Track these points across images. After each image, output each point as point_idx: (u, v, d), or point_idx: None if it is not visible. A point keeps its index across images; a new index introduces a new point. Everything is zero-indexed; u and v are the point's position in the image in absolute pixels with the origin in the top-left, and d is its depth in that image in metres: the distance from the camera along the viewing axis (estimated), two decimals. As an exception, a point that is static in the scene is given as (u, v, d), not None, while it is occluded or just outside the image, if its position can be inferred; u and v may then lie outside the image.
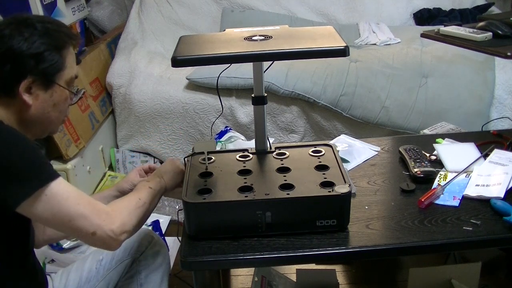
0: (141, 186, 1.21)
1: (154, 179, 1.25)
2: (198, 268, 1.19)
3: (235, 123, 2.63)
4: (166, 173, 1.28)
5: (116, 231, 1.03)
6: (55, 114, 1.13)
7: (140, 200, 1.14)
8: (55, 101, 1.10)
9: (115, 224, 1.04)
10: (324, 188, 1.19)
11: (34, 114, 1.09)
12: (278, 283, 1.75)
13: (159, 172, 1.29)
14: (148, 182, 1.23)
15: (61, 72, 1.09)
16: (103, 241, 1.03)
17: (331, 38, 1.22)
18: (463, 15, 3.21)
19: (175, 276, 1.83)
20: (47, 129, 1.15)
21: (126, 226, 1.06)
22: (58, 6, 2.48)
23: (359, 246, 1.16)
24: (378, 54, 2.74)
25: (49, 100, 1.09)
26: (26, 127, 1.10)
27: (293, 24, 3.15)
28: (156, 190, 1.22)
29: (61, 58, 1.09)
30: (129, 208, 1.10)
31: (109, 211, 1.06)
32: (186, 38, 1.32)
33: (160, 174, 1.28)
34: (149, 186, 1.20)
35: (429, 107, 2.52)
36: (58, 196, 0.99)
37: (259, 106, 1.34)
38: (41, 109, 1.09)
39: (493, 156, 1.48)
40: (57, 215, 0.99)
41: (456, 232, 1.19)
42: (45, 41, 1.06)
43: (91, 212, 1.02)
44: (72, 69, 1.13)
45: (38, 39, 1.05)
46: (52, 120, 1.13)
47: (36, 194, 0.97)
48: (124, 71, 2.78)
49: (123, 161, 2.77)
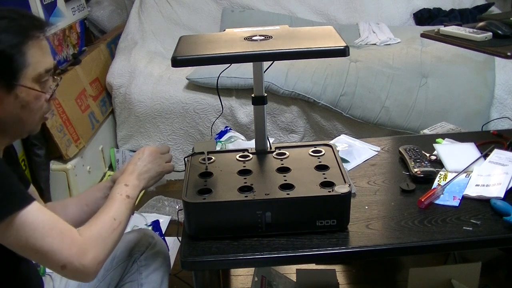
0: (117, 194, 1.11)
1: (132, 183, 1.14)
2: (198, 268, 1.19)
3: (235, 123, 2.63)
4: (148, 172, 1.19)
5: (88, 265, 0.95)
6: (27, 115, 1.02)
7: (116, 221, 1.04)
8: (22, 102, 0.99)
9: (87, 257, 0.95)
10: (324, 188, 1.19)
11: (2, 119, 0.99)
12: (278, 283, 1.75)
13: (138, 170, 1.17)
14: (127, 186, 1.13)
15: (23, 70, 0.97)
16: (74, 275, 0.96)
17: (331, 38, 1.22)
18: (463, 15, 3.21)
19: (175, 276, 1.83)
20: (24, 130, 1.06)
21: (99, 257, 0.98)
22: (58, 6, 2.48)
23: (359, 246, 1.16)
24: (378, 54, 2.74)
25: (14, 102, 0.98)
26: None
27: (293, 24, 3.15)
28: (134, 198, 1.13)
29: (22, 53, 0.96)
30: (103, 235, 1.01)
31: (80, 243, 0.96)
32: (186, 38, 1.32)
33: (139, 173, 1.17)
34: (126, 195, 1.11)
35: (429, 107, 2.52)
36: (26, 227, 0.90)
37: (259, 106, 1.34)
38: (8, 112, 0.99)
39: (493, 156, 1.48)
40: (24, 247, 0.92)
41: (456, 232, 1.19)
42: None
43: (61, 245, 0.93)
44: (39, 63, 1.00)
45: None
46: (25, 121, 1.03)
47: (1, 224, 0.89)
48: (124, 71, 2.79)
49: (123, 161, 2.77)
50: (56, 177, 2.24)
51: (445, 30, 1.65)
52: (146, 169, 1.19)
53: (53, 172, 2.23)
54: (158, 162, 1.22)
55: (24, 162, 2.08)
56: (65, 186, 2.27)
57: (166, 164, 1.25)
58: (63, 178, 2.26)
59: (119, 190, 1.12)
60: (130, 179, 1.15)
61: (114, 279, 1.30)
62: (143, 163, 1.19)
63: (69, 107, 2.37)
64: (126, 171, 1.18)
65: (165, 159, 1.24)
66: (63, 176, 2.26)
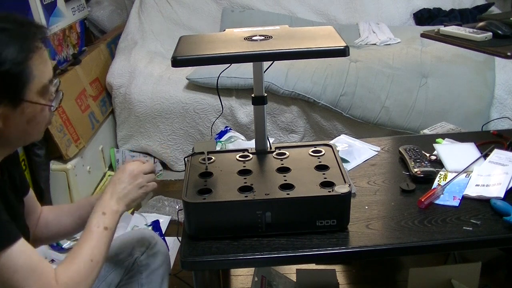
0: (95, 227, 1.06)
1: (111, 209, 1.09)
2: (198, 268, 1.19)
3: (235, 123, 2.63)
4: (128, 195, 1.12)
5: None
6: (32, 127, 1.00)
7: (93, 262, 1.01)
8: (28, 117, 0.97)
9: None
10: (324, 188, 1.19)
11: (7, 134, 0.97)
12: (278, 283, 1.75)
13: (117, 194, 1.11)
14: (104, 215, 1.07)
15: (29, 84, 0.94)
16: None
17: (331, 38, 1.22)
18: (463, 15, 3.21)
19: (175, 276, 1.83)
20: (28, 140, 1.04)
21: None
22: (58, 6, 2.48)
23: (359, 246, 1.16)
24: (378, 54, 2.74)
25: (21, 117, 0.96)
26: (2, 145, 1.00)
27: (293, 24, 3.15)
28: (113, 227, 1.08)
29: (27, 68, 0.93)
30: (79, 280, 0.98)
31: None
32: (186, 38, 1.32)
33: (119, 197, 1.11)
34: (104, 227, 1.06)
35: (429, 107, 2.52)
36: (7, 268, 0.89)
37: (259, 106, 1.34)
38: (14, 128, 0.97)
39: (493, 156, 1.48)
40: (2, 285, 0.91)
41: (456, 232, 1.19)
42: (2, 54, 0.89)
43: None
44: (43, 74, 0.97)
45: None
46: (31, 133, 1.01)
47: None
48: (124, 71, 2.79)
49: (123, 161, 2.77)
50: (56, 177, 2.24)
51: (445, 30, 1.65)
52: (126, 192, 1.12)
53: (53, 172, 2.23)
54: (140, 183, 1.14)
55: (24, 162, 2.09)
56: (65, 186, 2.27)
57: (149, 184, 1.17)
58: (63, 178, 2.26)
59: (96, 221, 1.07)
60: (108, 206, 1.09)
61: (115, 279, 1.30)
62: (122, 185, 1.12)
63: (69, 107, 2.37)
64: (106, 194, 1.11)
65: (147, 179, 1.16)
66: (63, 176, 2.26)
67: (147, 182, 1.16)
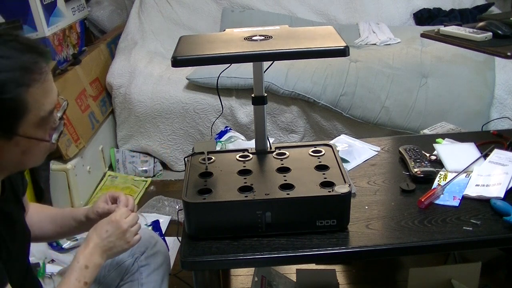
0: (75, 280, 1.03)
1: (94, 263, 1.06)
2: (198, 268, 1.19)
3: (235, 123, 2.63)
4: (113, 248, 1.10)
5: None
6: (28, 158, 0.95)
7: None
8: (23, 149, 0.92)
9: None
10: (324, 188, 1.19)
11: (3, 163, 0.93)
12: (278, 283, 1.75)
13: (102, 246, 1.08)
14: (87, 269, 1.04)
15: (24, 118, 0.88)
16: None
17: (331, 38, 1.22)
18: (463, 15, 3.21)
19: (175, 276, 1.83)
20: (25, 168, 1.00)
21: None
22: (58, 6, 2.48)
23: (359, 246, 1.16)
24: (378, 54, 2.74)
25: (15, 149, 0.91)
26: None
27: (293, 24, 3.15)
28: (92, 281, 1.06)
29: (22, 102, 0.86)
30: None
31: None
32: (186, 38, 1.32)
33: (103, 250, 1.08)
34: (84, 282, 1.03)
35: (429, 107, 2.52)
36: None
37: (259, 106, 1.34)
38: (9, 158, 0.92)
39: (493, 156, 1.48)
40: None
41: (456, 232, 1.19)
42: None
43: None
44: (42, 106, 0.90)
45: None
46: (27, 164, 0.97)
47: None
48: (124, 71, 2.79)
49: (123, 161, 2.77)
50: (56, 177, 2.24)
51: (445, 30, 1.65)
52: (112, 246, 1.10)
53: (53, 172, 2.24)
54: (127, 238, 1.12)
55: (24, 162, 2.08)
56: (65, 186, 2.27)
57: (134, 238, 1.14)
58: (63, 178, 2.26)
59: (77, 275, 1.04)
60: (92, 260, 1.07)
61: (115, 279, 1.30)
62: (109, 239, 1.09)
63: (69, 107, 2.35)
64: (90, 243, 1.08)
65: (133, 233, 1.14)
66: (63, 176, 2.26)
67: (133, 236, 1.14)
